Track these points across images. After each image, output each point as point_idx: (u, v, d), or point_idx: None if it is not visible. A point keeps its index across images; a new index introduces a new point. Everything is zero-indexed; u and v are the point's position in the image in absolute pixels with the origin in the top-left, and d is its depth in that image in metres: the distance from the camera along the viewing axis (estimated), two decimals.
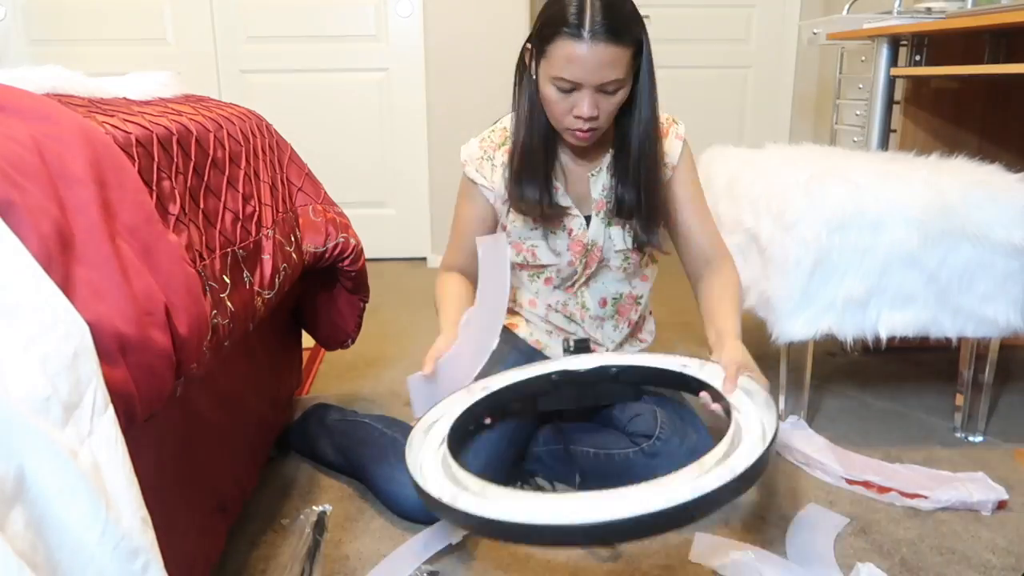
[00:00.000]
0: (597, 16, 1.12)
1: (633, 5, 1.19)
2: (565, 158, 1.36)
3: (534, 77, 1.24)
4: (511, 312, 1.50)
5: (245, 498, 1.26)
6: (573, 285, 1.42)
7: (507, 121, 1.36)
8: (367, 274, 1.54)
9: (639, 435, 1.29)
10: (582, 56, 1.13)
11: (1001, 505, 1.31)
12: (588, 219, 1.37)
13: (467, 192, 1.40)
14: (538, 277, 1.43)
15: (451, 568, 1.18)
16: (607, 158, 1.34)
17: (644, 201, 1.30)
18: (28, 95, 0.81)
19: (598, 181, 1.35)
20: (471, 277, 1.40)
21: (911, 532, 1.25)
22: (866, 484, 1.37)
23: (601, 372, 1.28)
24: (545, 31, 1.17)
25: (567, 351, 1.36)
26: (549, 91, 1.20)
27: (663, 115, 1.36)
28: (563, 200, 1.35)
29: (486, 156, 1.36)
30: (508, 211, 1.38)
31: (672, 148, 1.36)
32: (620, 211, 1.33)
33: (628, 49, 1.16)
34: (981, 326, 1.45)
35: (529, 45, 1.24)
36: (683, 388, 1.27)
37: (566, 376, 1.27)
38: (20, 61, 2.89)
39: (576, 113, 1.20)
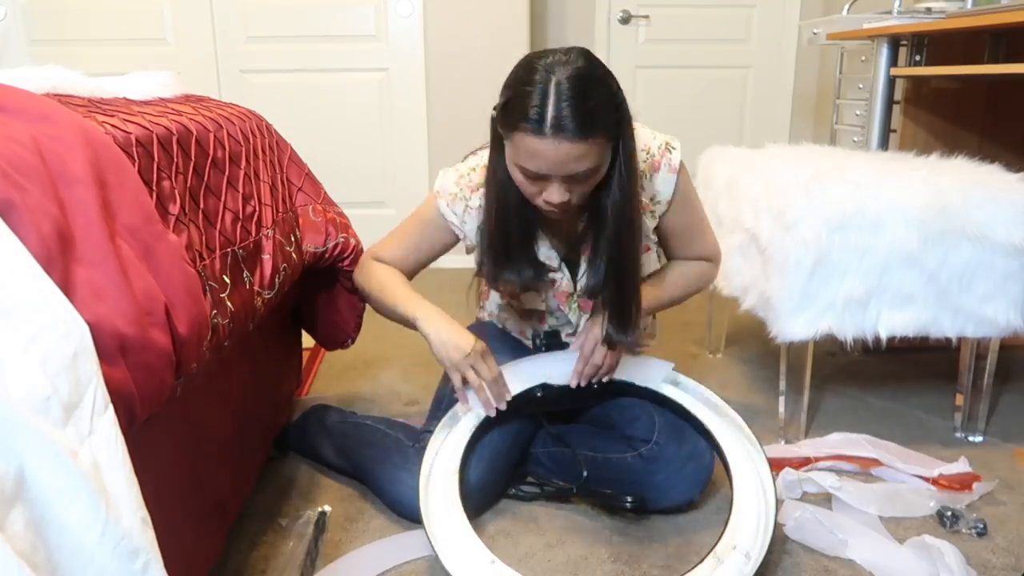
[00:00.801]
0: (562, 111, 1.00)
1: (609, 83, 1.06)
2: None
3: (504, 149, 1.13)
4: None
5: (245, 498, 1.26)
6: (577, 330, 1.41)
7: (482, 159, 1.24)
8: None
9: (637, 439, 1.29)
10: (544, 152, 1.03)
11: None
12: (574, 267, 1.32)
13: (432, 219, 1.32)
14: (530, 317, 1.43)
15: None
16: (582, 222, 1.26)
17: (616, 298, 1.21)
18: (28, 95, 0.81)
19: (582, 224, 1.27)
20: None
21: (911, 532, 1.25)
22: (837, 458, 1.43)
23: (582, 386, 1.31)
24: (507, 116, 1.06)
25: (538, 347, 1.41)
26: (516, 173, 1.11)
27: (656, 141, 1.26)
28: (543, 255, 1.28)
29: (461, 195, 1.28)
30: None
31: (663, 186, 1.26)
32: (592, 294, 1.25)
33: (599, 140, 1.04)
34: (981, 326, 1.45)
35: (495, 113, 1.11)
36: (660, 404, 1.34)
37: (549, 391, 1.31)
38: (20, 61, 2.89)
39: (545, 198, 1.10)
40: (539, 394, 1.30)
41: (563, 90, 1.01)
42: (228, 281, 0.97)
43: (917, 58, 2.13)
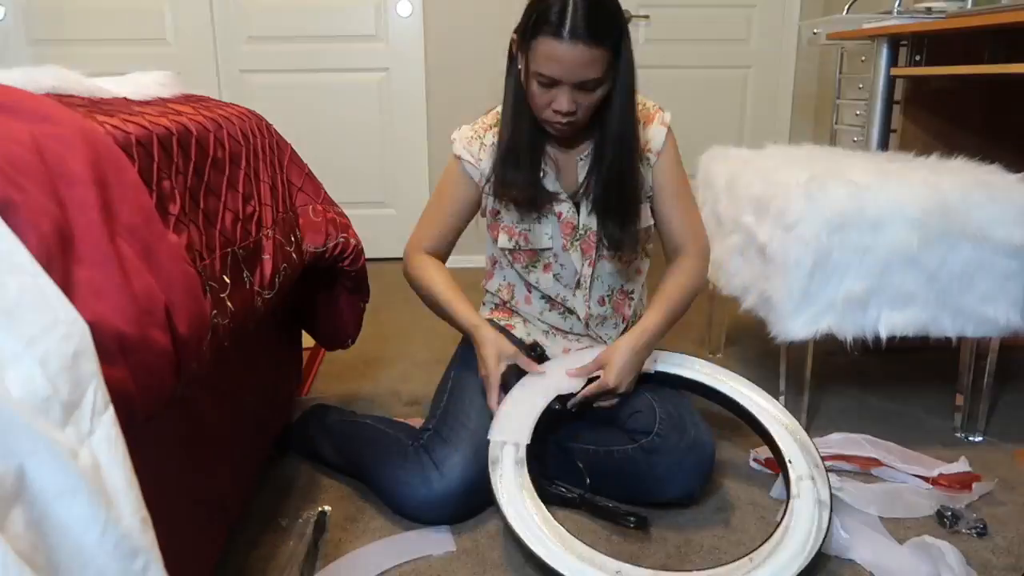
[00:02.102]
0: (579, 16, 1.14)
1: (617, 4, 1.20)
2: (552, 146, 1.37)
3: (519, 67, 1.27)
4: (508, 312, 1.50)
5: (245, 498, 1.26)
6: (579, 285, 1.42)
7: (495, 111, 1.39)
8: (367, 274, 1.54)
9: (638, 432, 1.29)
10: (561, 55, 1.16)
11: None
12: (578, 205, 1.39)
13: (453, 171, 1.42)
14: (535, 266, 1.43)
15: (453, 567, 1.18)
16: (589, 146, 1.37)
17: (617, 199, 1.33)
18: (28, 95, 0.81)
19: (585, 167, 1.37)
20: (443, 258, 1.46)
21: (911, 532, 1.25)
22: (837, 458, 1.45)
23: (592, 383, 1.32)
24: (529, 27, 1.20)
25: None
26: (531, 85, 1.24)
27: (650, 102, 1.39)
28: (551, 185, 1.37)
29: (476, 135, 1.39)
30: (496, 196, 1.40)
31: (656, 135, 1.37)
32: (595, 205, 1.36)
33: (608, 50, 1.18)
34: (981, 326, 1.45)
35: (515, 36, 1.26)
36: (673, 385, 1.39)
37: (564, 399, 1.32)
38: (20, 61, 2.89)
39: (555, 107, 1.23)
40: (556, 407, 1.31)
41: (580, 3, 1.15)
42: (228, 281, 0.97)
43: (917, 58, 2.13)
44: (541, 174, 1.36)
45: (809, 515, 1.15)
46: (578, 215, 1.39)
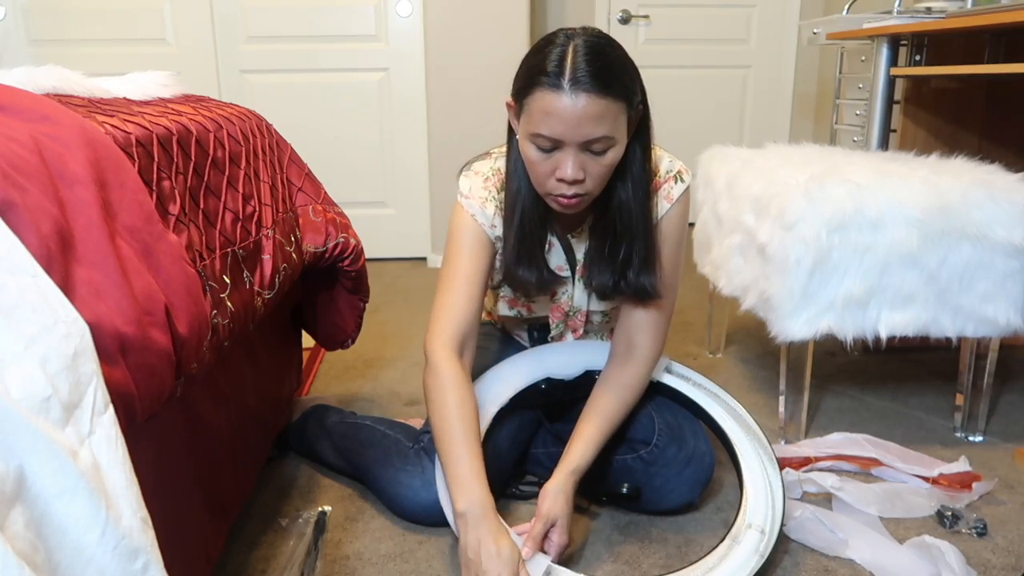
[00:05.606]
0: (580, 63, 0.99)
1: (626, 55, 1.06)
2: (553, 223, 1.26)
3: (518, 137, 1.11)
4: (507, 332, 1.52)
5: (245, 498, 1.26)
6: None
7: (502, 162, 1.22)
8: (367, 274, 1.54)
9: (637, 441, 1.29)
10: (562, 108, 0.99)
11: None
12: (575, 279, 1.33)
13: (468, 228, 1.21)
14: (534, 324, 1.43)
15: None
16: (589, 219, 1.24)
17: (641, 255, 1.18)
18: (28, 95, 0.81)
19: (580, 243, 1.27)
20: (472, 342, 1.22)
21: (911, 532, 1.25)
22: (836, 458, 1.45)
23: (585, 377, 1.32)
24: (523, 83, 1.05)
25: (535, 340, 1.42)
26: (529, 150, 1.07)
27: (665, 164, 1.23)
28: (554, 262, 1.27)
29: (490, 197, 1.21)
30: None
31: (656, 208, 1.20)
32: (600, 294, 1.25)
33: (617, 103, 1.02)
34: (981, 326, 1.45)
35: (511, 100, 1.10)
36: (661, 395, 1.36)
37: (553, 383, 1.31)
38: (20, 61, 2.89)
39: (559, 175, 1.05)
40: (543, 387, 1.30)
41: (581, 50, 1.01)
42: (228, 281, 0.97)
43: (917, 58, 2.13)
44: (548, 248, 1.24)
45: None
46: (572, 300, 1.32)
